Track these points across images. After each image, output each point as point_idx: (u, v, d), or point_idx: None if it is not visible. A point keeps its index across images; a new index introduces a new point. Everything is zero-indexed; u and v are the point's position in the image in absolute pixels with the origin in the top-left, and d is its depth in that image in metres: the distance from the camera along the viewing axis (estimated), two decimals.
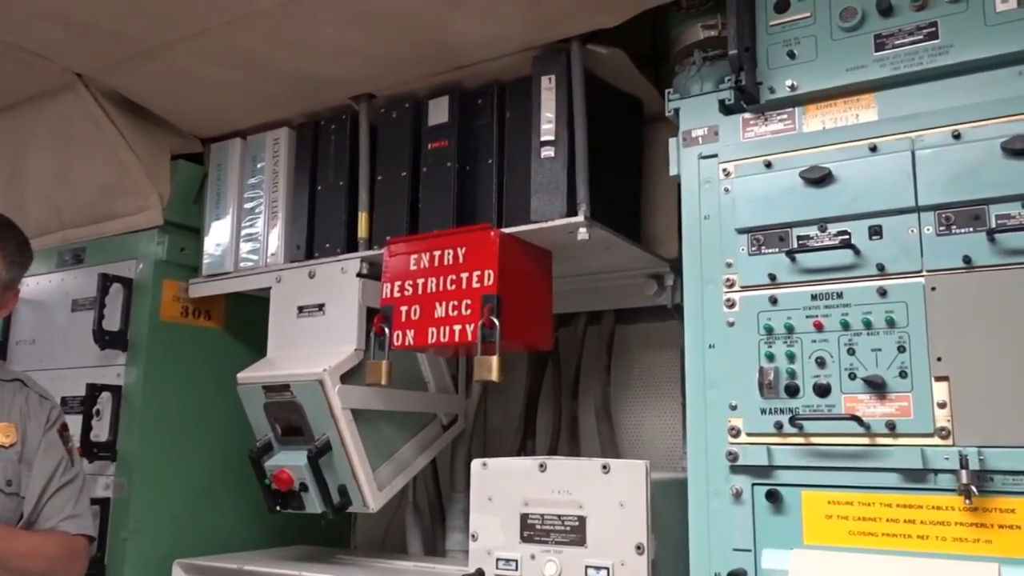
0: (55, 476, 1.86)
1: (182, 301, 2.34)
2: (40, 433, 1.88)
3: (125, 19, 1.88)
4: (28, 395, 1.90)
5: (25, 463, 1.83)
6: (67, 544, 1.85)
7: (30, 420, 1.87)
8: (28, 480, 1.83)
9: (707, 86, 1.62)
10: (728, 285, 1.48)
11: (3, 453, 1.80)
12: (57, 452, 1.89)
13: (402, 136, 2.08)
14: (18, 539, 1.77)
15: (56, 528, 1.83)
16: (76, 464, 1.93)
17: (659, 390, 2.35)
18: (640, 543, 1.46)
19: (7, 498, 1.79)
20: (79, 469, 1.93)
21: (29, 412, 1.88)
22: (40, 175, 2.48)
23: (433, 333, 1.81)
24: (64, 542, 1.84)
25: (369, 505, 1.95)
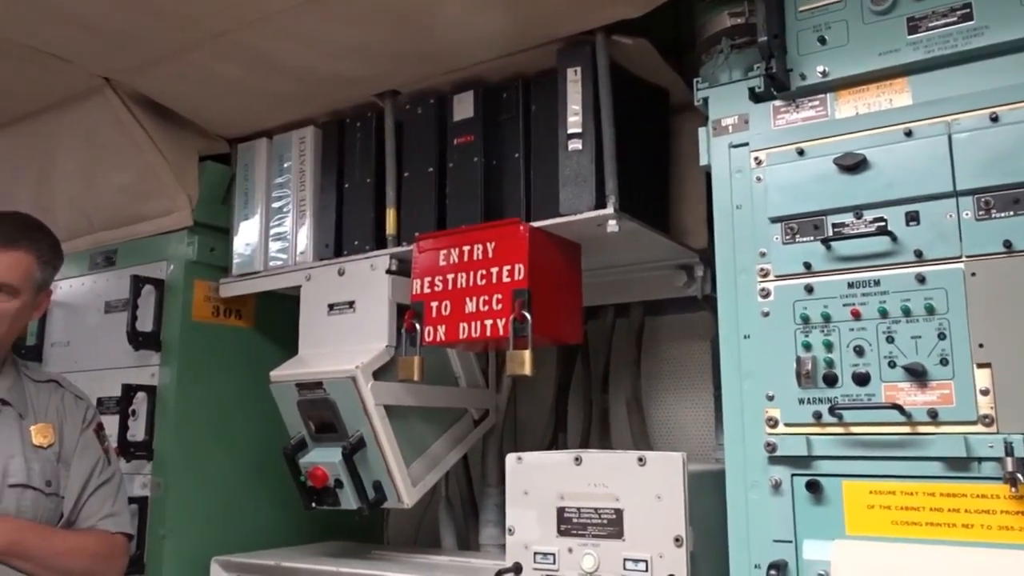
0: (93, 475, 1.89)
1: (213, 301, 2.36)
2: (77, 433, 1.90)
3: (149, 22, 1.89)
4: (64, 396, 1.93)
5: (63, 463, 1.86)
6: (107, 542, 1.87)
7: (67, 421, 1.90)
8: (67, 480, 1.85)
9: (736, 74, 1.60)
10: (762, 275, 1.46)
11: (42, 454, 1.83)
12: (94, 452, 1.92)
13: (428, 132, 2.08)
14: (57, 538, 1.80)
15: (95, 527, 1.86)
16: (113, 463, 1.96)
17: (690, 382, 2.34)
18: (679, 535, 1.45)
19: (47, 498, 1.81)
20: (116, 468, 1.96)
21: (65, 413, 1.91)
22: (69, 178, 2.50)
23: (464, 328, 1.81)
24: (103, 540, 1.86)
25: (404, 501, 1.96)
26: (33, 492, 1.78)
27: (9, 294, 1.78)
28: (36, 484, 1.79)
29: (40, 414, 1.86)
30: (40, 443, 1.83)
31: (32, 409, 1.86)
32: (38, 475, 1.80)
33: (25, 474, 1.78)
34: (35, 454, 1.81)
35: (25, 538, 1.73)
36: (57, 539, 1.80)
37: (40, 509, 1.79)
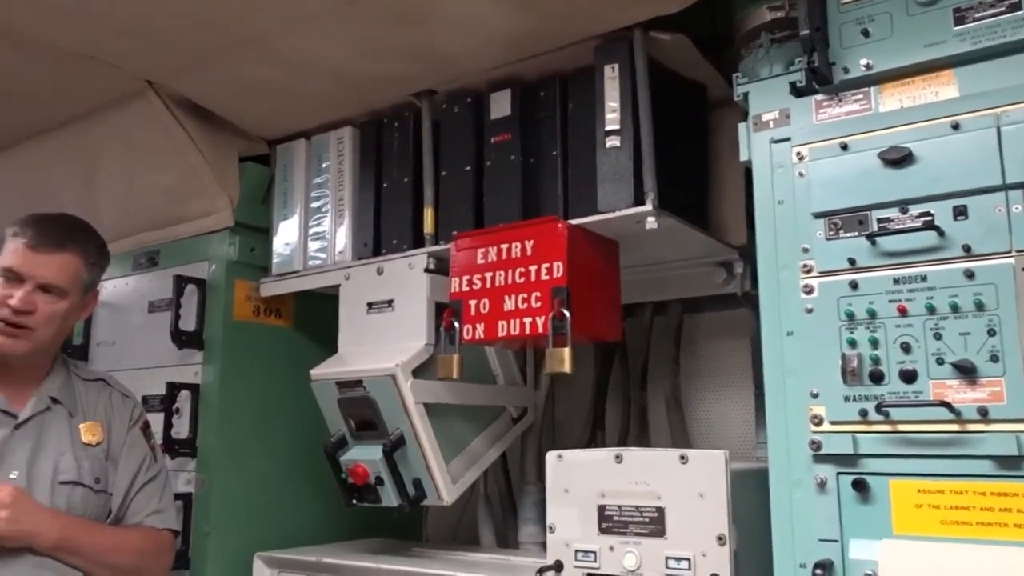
0: (140, 472, 1.92)
1: (254, 300, 2.39)
2: (124, 431, 1.94)
3: (190, 26, 1.92)
4: (111, 394, 1.97)
5: (111, 461, 1.90)
6: (153, 539, 1.91)
7: (114, 419, 1.94)
8: (114, 477, 1.89)
9: (776, 69, 1.58)
10: (805, 271, 1.45)
11: (91, 451, 1.87)
12: (141, 449, 1.95)
13: (465, 131, 2.09)
14: (105, 534, 1.84)
15: (142, 523, 1.89)
16: (159, 460, 1.99)
17: (729, 379, 2.33)
18: (722, 534, 1.44)
19: (96, 495, 1.85)
20: (162, 465, 1.99)
21: (113, 411, 1.95)
22: (113, 181, 2.55)
23: (503, 326, 1.81)
24: (150, 537, 1.90)
25: (443, 498, 1.97)
26: (83, 489, 1.82)
27: (58, 295, 1.82)
28: (86, 481, 1.83)
29: (89, 412, 1.90)
30: (89, 441, 1.87)
31: (81, 408, 1.90)
32: (88, 472, 1.83)
33: (75, 471, 1.82)
34: (84, 452, 1.85)
35: (75, 534, 1.77)
36: (106, 535, 1.84)
37: (90, 506, 1.82)
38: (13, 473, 1.78)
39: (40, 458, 1.80)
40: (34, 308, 1.78)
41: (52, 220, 1.87)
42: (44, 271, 1.80)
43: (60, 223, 1.89)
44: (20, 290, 1.78)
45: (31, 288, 1.79)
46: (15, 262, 1.79)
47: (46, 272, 1.80)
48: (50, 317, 1.81)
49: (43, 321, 1.80)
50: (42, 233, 1.82)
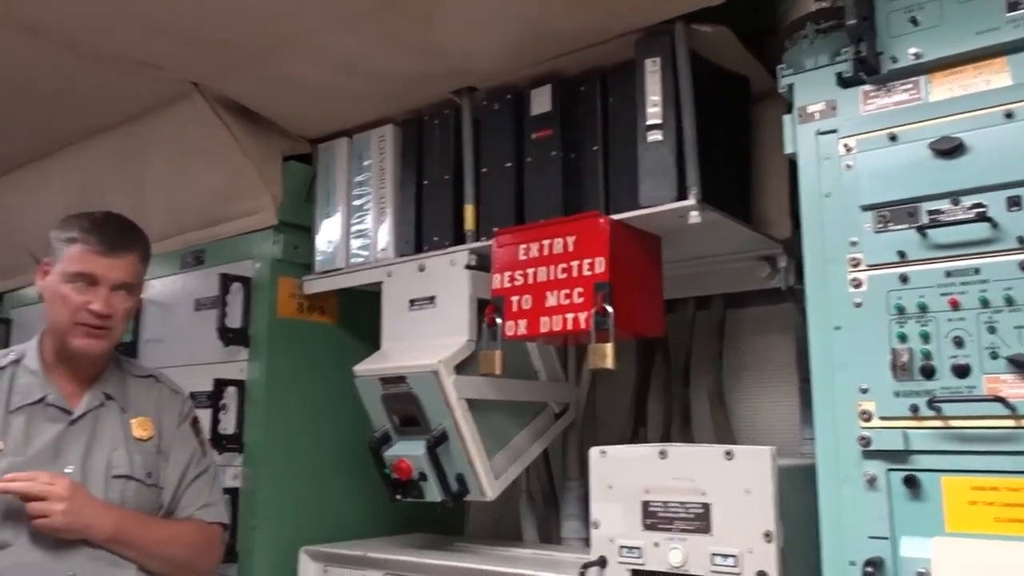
0: (190, 467, 1.96)
1: (297, 298, 2.42)
2: (174, 426, 1.99)
3: (235, 28, 1.95)
4: (161, 390, 2.01)
5: (162, 455, 1.94)
6: (204, 532, 1.94)
7: (164, 414, 1.98)
8: (165, 472, 1.93)
9: (822, 59, 1.56)
10: (853, 264, 1.43)
11: (142, 446, 1.91)
12: (190, 444, 2.00)
13: (505, 127, 2.09)
14: (157, 527, 1.88)
15: (193, 517, 1.93)
16: (208, 455, 2.03)
17: (773, 375, 2.30)
18: (769, 531, 1.43)
19: (148, 489, 1.89)
20: (211, 460, 2.03)
21: (163, 406, 1.99)
22: (160, 182, 2.60)
23: (545, 322, 1.81)
24: (201, 530, 1.94)
25: (487, 493, 1.98)
26: (135, 483, 1.86)
27: (128, 293, 1.89)
28: (138, 475, 1.87)
29: (140, 408, 1.95)
30: (140, 436, 1.92)
31: (133, 403, 1.94)
32: (140, 467, 1.88)
33: (128, 466, 1.86)
34: (136, 446, 1.89)
35: (129, 527, 1.81)
36: (158, 528, 1.88)
37: (142, 499, 1.87)
38: (69, 467, 1.83)
39: (94, 453, 1.85)
40: (113, 309, 1.85)
41: (110, 222, 1.92)
42: (117, 273, 1.86)
43: (122, 224, 1.94)
44: (99, 294, 1.84)
45: (107, 291, 1.85)
46: (89, 267, 1.84)
47: (119, 273, 1.86)
48: (124, 315, 1.89)
49: (119, 320, 1.88)
50: (108, 239, 1.87)
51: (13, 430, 1.83)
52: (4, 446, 1.82)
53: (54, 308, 1.87)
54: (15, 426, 1.84)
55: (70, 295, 1.84)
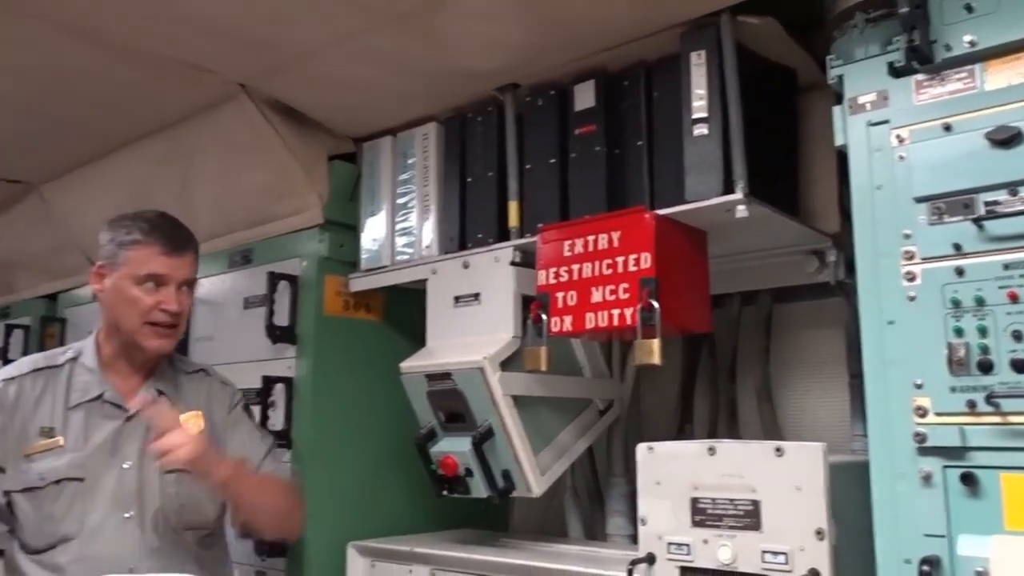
0: (255, 440, 2.05)
1: (343, 296, 2.44)
2: (225, 414, 2.04)
3: (281, 28, 1.98)
4: (211, 383, 2.07)
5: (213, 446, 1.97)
6: (292, 486, 2.06)
7: (214, 405, 2.03)
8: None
9: (872, 49, 1.53)
10: (907, 258, 1.40)
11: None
12: (247, 424, 2.07)
13: (548, 123, 2.09)
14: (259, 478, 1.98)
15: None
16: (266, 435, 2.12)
17: (822, 370, 2.26)
18: (820, 528, 1.41)
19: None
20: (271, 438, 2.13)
21: (212, 398, 2.04)
22: (209, 182, 2.65)
23: (591, 318, 1.81)
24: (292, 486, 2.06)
25: (532, 490, 1.99)
26: (184, 475, 1.89)
27: (190, 288, 1.96)
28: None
29: (191, 402, 1.99)
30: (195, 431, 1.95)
31: (184, 398, 1.99)
32: None
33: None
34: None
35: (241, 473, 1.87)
36: (261, 478, 1.98)
37: (195, 489, 1.90)
38: (126, 463, 1.88)
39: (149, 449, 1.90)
40: (183, 308, 1.92)
41: (169, 222, 1.98)
42: (183, 271, 1.93)
43: (175, 223, 2.00)
44: (170, 293, 1.89)
45: (175, 289, 1.90)
46: (158, 268, 1.90)
47: (185, 271, 1.93)
48: (188, 312, 1.97)
49: (185, 317, 1.95)
50: (172, 238, 1.93)
51: (72, 426, 1.89)
52: (64, 442, 1.87)
53: (122, 310, 1.90)
54: (74, 422, 1.89)
55: (141, 297, 1.88)
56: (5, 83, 2.32)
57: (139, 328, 1.89)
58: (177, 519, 1.90)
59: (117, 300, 1.91)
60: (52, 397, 1.91)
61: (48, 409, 1.90)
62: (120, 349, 1.94)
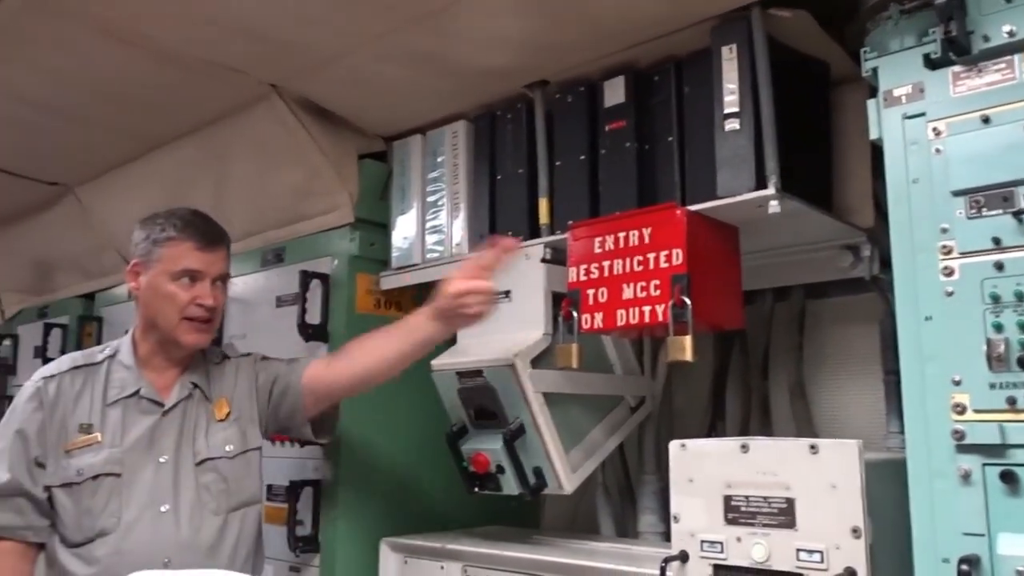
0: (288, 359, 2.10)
1: (374, 294, 2.46)
2: (251, 369, 2.08)
3: (314, 29, 2.00)
4: (237, 363, 2.10)
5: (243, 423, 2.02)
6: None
7: (238, 376, 2.06)
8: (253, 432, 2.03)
9: (908, 41, 1.50)
10: (944, 252, 1.38)
11: (222, 425, 1.99)
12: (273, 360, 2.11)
13: (578, 120, 2.08)
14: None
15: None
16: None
17: (856, 366, 2.24)
18: (856, 526, 1.39)
19: (233, 460, 1.97)
20: None
21: (240, 375, 2.07)
22: (241, 182, 2.68)
23: (622, 315, 1.80)
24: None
25: (564, 487, 1.98)
26: (220, 460, 1.95)
27: (224, 284, 1.99)
28: (218, 454, 1.96)
29: (217, 390, 2.03)
30: (220, 417, 2.00)
31: (215, 389, 2.03)
32: (220, 444, 1.96)
33: (207, 449, 1.95)
34: (217, 427, 1.98)
35: None
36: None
37: (229, 472, 1.95)
38: (163, 457, 1.91)
39: (184, 442, 1.94)
40: (218, 302, 1.96)
41: (201, 218, 2.01)
42: (218, 266, 1.96)
43: (207, 219, 2.03)
44: (205, 289, 1.93)
45: (210, 283, 1.93)
46: (196, 263, 1.93)
47: (219, 266, 1.97)
48: (223, 307, 2.00)
49: (220, 311, 1.99)
50: (204, 232, 1.96)
51: (110, 422, 1.92)
52: (102, 438, 1.90)
53: (158, 306, 1.94)
54: (112, 418, 1.92)
55: (177, 292, 1.91)
56: (43, 87, 2.36)
57: (177, 324, 1.92)
58: (225, 502, 1.93)
59: (153, 297, 1.94)
60: (91, 394, 1.95)
61: (87, 406, 1.93)
62: (156, 345, 1.97)
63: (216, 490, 1.93)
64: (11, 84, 2.34)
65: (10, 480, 1.87)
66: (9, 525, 1.87)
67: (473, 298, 1.84)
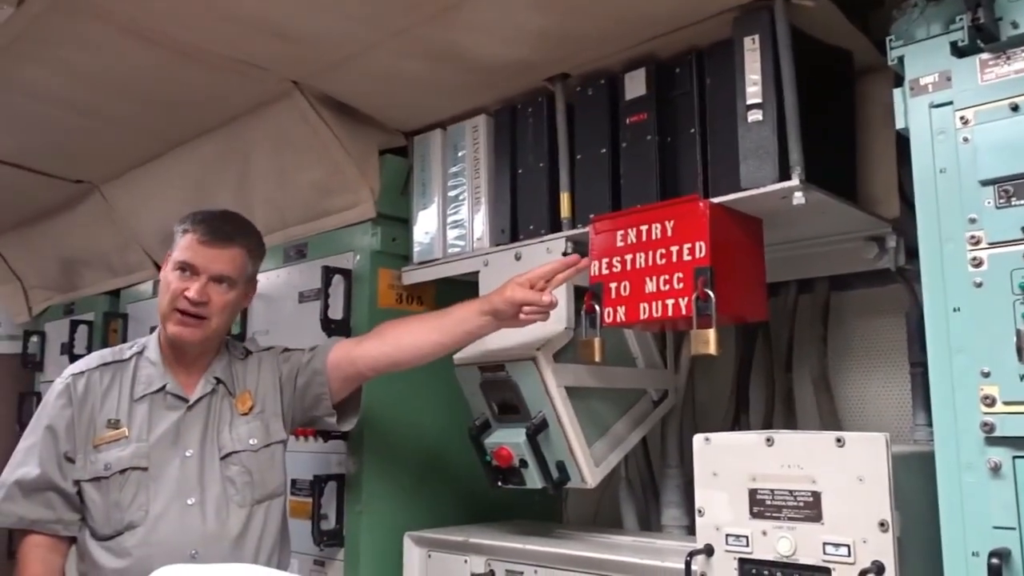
0: (310, 349, 2.11)
1: (396, 288, 2.47)
2: (275, 363, 2.09)
3: (333, 25, 2.00)
4: (260, 358, 2.11)
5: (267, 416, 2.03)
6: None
7: (261, 371, 2.07)
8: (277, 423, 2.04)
9: (934, 29, 1.48)
10: (973, 242, 1.36)
11: (245, 419, 2.01)
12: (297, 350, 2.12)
13: (599, 113, 2.07)
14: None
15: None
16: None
17: (881, 359, 2.22)
18: (884, 520, 1.38)
19: (257, 453, 1.99)
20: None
21: (263, 368, 2.09)
22: (263, 179, 2.69)
23: (645, 308, 1.79)
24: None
25: (587, 481, 1.98)
26: (244, 454, 1.97)
27: (228, 286, 1.97)
28: (242, 447, 1.98)
29: (240, 385, 2.05)
30: (244, 411, 2.02)
31: (238, 383, 2.05)
32: (244, 438, 1.98)
33: (232, 443, 1.97)
34: (240, 420, 2.00)
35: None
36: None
37: (254, 465, 1.98)
38: (189, 451, 1.93)
39: (209, 436, 1.96)
40: (208, 299, 1.93)
41: (219, 217, 2.01)
42: (216, 264, 1.94)
43: (226, 219, 2.02)
44: (196, 282, 1.92)
45: (205, 280, 1.93)
46: (190, 257, 1.93)
47: (218, 265, 1.94)
48: (222, 307, 1.96)
49: (216, 310, 1.95)
50: (213, 229, 1.96)
51: (137, 418, 1.95)
52: (129, 432, 1.93)
53: (160, 294, 1.98)
54: (139, 413, 1.95)
55: (172, 281, 1.94)
56: (68, 86, 2.38)
57: (168, 313, 1.94)
58: (250, 495, 1.95)
59: (161, 285, 1.98)
60: (119, 390, 1.97)
61: (115, 401, 1.96)
62: (166, 340, 2.00)
63: (241, 483, 1.95)
64: (37, 84, 2.37)
65: (40, 475, 1.89)
66: (40, 519, 1.90)
67: (532, 308, 1.86)
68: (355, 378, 2.09)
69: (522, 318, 1.90)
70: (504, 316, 1.90)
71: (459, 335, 1.98)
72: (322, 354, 2.07)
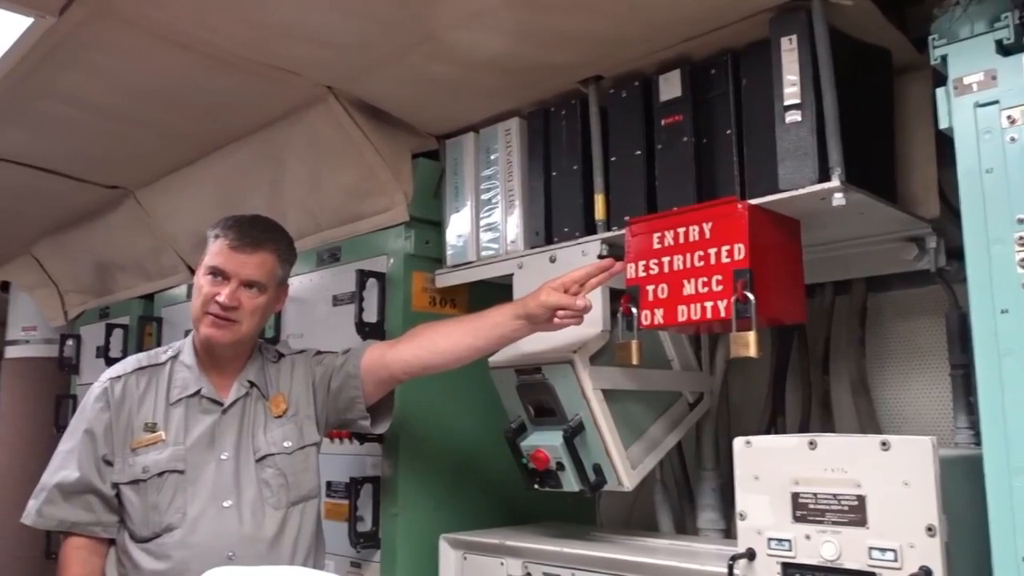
0: (344, 352, 2.12)
1: (430, 291, 2.47)
2: (307, 368, 2.10)
3: (367, 30, 2.01)
4: (293, 360, 2.12)
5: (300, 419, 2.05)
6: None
7: (294, 374, 2.09)
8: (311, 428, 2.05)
9: (978, 27, 1.47)
10: (1021, 243, 1.34)
11: (279, 421, 2.03)
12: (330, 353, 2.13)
13: (633, 115, 2.07)
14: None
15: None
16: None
17: (920, 361, 2.19)
18: (931, 524, 1.37)
19: (291, 456, 2.01)
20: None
21: (296, 371, 2.10)
22: (297, 183, 2.71)
23: (683, 311, 1.79)
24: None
25: (624, 484, 1.98)
26: (278, 456, 1.99)
27: (258, 290, 1.98)
28: (276, 450, 1.99)
29: (273, 387, 2.07)
30: (278, 413, 2.03)
31: (271, 386, 2.07)
32: (278, 440, 2.00)
33: (266, 446, 1.99)
34: (274, 423, 2.02)
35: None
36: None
37: (288, 468, 1.99)
38: (224, 454, 1.95)
39: (243, 439, 1.98)
40: (239, 303, 1.95)
41: (250, 222, 2.02)
42: (246, 269, 1.96)
43: (257, 224, 2.03)
44: (226, 287, 1.94)
45: (236, 285, 1.95)
46: (221, 262, 1.95)
47: (248, 270, 1.96)
48: (252, 310, 1.98)
49: (247, 314, 1.97)
50: (243, 235, 1.97)
51: (174, 421, 1.97)
52: (166, 436, 1.95)
53: (193, 298, 2.01)
54: (175, 417, 1.97)
55: (204, 286, 1.96)
56: (104, 93, 2.41)
57: (200, 316, 1.96)
58: (285, 497, 1.97)
59: (194, 289, 2.01)
60: (155, 393, 2.00)
61: (151, 405, 1.98)
62: (200, 344, 2.02)
63: (276, 485, 1.97)
64: (74, 90, 2.40)
65: (80, 478, 1.92)
66: (80, 521, 1.93)
67: (566, 313, 1.87)
68: (388, 381, 2.10)
69: (556, 322, 1.90)
70: (538, 320, 1.90)
71: (493, 339, 1.98)
72: (356, 357, 2.08)
